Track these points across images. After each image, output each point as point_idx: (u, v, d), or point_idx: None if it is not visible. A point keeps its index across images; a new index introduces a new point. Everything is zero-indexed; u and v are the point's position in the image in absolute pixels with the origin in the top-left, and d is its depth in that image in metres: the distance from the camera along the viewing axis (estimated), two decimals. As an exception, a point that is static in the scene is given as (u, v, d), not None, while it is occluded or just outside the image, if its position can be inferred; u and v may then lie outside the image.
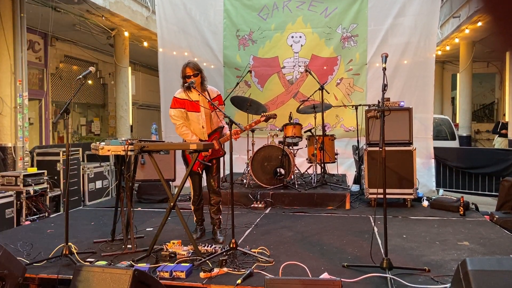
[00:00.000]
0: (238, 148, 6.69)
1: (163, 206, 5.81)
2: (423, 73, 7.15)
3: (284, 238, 4.18)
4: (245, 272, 3.08)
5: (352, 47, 7.48)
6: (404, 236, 4.23)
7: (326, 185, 5.97)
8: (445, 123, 10.79)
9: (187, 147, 3.68)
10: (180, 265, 3.24)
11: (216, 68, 7.86)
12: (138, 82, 15.02)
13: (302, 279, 2.66)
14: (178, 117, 4.06)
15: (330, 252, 3.70)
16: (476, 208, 5.48)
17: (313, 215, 5.23)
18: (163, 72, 7.80)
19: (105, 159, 7.62)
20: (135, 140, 3.73)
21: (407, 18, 7.20)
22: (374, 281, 2.97)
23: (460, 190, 7.57)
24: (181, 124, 4.07)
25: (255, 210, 5.51)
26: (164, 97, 7.73)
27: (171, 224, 4.63)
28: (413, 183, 5.44)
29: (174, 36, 7.84)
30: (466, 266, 2.24)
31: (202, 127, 4.07)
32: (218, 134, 4.14)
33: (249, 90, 7.82)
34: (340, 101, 7.45)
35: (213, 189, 4.16)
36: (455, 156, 7.95)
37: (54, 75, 11.00)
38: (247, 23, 7.77)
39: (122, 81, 10.71)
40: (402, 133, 5.51)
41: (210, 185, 4.17)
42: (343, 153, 7.24)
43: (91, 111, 13.24)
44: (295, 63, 7.69)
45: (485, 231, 4.38)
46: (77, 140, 12.24)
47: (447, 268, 3.22)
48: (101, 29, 9.98)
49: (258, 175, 5.94)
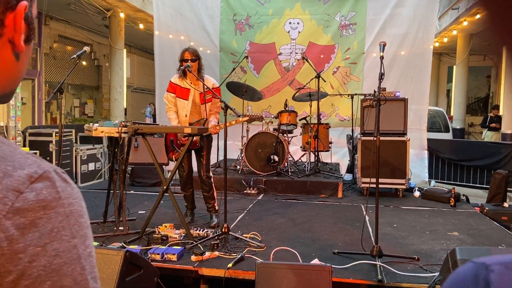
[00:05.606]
0: (232, 134, 6.67)
1: (156, 189, 5.80)
2: (420, 64, 7.14)
3: (276, 224, 4.20)
4: (236, 256, 3.10)
5: (350, 35, 7.44)
6: (395, 225, 4.27)
7: (319, 173, 5.99)
8: (439, 115, 10.83)
9: (182, 130, 3.66)
10: (171, 248, 3.25)
11: (212, 53, 7.79)
12: (133, 65, 14.88)
13: (293, 264, 2.68)
14: (169, 101, 4.13)
15: (321, 239, 3.72)
16: (467, 200, 5.54)
17: (306, 202, 5.25)
18: (158, 55, 7.71)
19: (98, 141, 7.56)
20: (129, 122, 3.70)
21: (406, 8, 7.16)
22: (363, 268, 3.00)
23: (451, 181, 7.64)
24: (169, 108, 4.14)
25: (248, 196, 5.52)
26: (159, 81, 7.65)
27: (163, 207, 4.63)
28: (406, 173, 5.48)
29: (171, 19, 7.74)
30: (455, 255, 2.27)
31: (185, 115, 4.07)
32: (198, 125, 4.11)
33: (245, 76, 7.77)
34: (336, 90, 7.42)
35: (201, 178, 4.14)
36: (448, 148, 8.00)
37: (47, 55, 10.86)
38: (244, 7, 7.68)
39: (116, 63, 10.59)
40: (397, 124, 5.52)
41: (198, 173, 4.16)
42: (337, 142, 7.25)
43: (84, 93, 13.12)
44: (292, 50, 7.64)
45: (475, 222, 4.43)
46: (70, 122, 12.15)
47: (436, 258, 3.25)
48: (96, 9, 9.83)
49: (252, 162, 5.94)
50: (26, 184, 0.52)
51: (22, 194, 0.51)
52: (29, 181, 0.52)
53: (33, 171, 0.53)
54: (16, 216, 0.50)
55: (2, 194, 0.50)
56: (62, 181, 0.55)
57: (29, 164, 0.54)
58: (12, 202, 0.50)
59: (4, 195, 0.50)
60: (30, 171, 0.53)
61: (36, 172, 0.53)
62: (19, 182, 0.52)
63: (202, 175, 4.11)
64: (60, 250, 0.52)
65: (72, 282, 0.52)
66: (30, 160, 0.55)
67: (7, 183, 0.51)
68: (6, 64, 0.61)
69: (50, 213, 0.52)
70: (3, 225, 0.49)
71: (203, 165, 4.12)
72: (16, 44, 0.61)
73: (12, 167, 0.52)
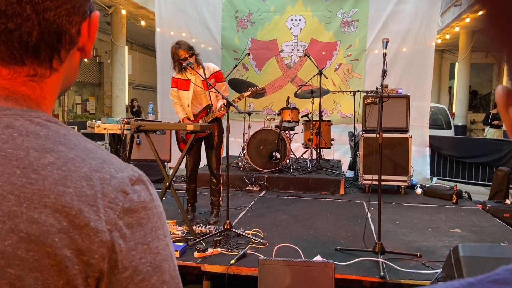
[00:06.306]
0: (234, 131, 6.67)
1: (158, 186, 5.80)
2: (422, 61, 7.12)
3: (278, 221, 4.20)
4: (238, 253, 3.11)
5: (352, 32, 7.42)
6: (397, 222, 4.27)
7: (321, 170, 5.99)
8: (441, 112, 10.81)
9: (184, 127, 3.66)
10: (174, 244, 3.26)
11: (214, 50, 7.78)
12: (134, 62, 14.87)
13: (296, 260, 2.68)
14: (174, 96, 4.17)
15: (323, 236, 3.73)
16: (469, 197, 5.53)
17: (307, 199, 5.25)
18: (160, 52, 7.70)
19: (100, 138, 7.58)
20: (132, 119, 3.70)
21: (408, 5, 7.14)
22: (366, 264, 3.00)
23: (454, 179, 7.64)
24: (175, 103, 4.17)
25: (250, 193, 5.53)
26: (161, 77, 7.65)
27: (166, 204, 4.63)
28: (408, 170, 5.47)
29: (172, 16, 7.73)
30: (458, 252, 2.27)
31: (187, 105, 4.08)
32: (204, 112, 4.11)
33: (247, 73, 7.76)
34: (338, 87, 7.41)
35: (210, 170, 4.14)
36: (450, 145, 7.99)
37: (49, 52, 10.85)
38: (246, 4, 7.67)
39: (118, 60, 10.59)
40: (399, 121, 5.51)
41: (209, 165, 4.16)
42: (339, 139, 7.25)
43: (86, 90, 13.13)
44: (294, 47, 7.63)
45: (477, 219, 4.42)
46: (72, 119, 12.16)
47: (438, 254, 3.26)
48: (98, 6, 9.82)
49: (254, 159, 5.94)
50: (129, 185, 0.55)
51: (128, 195, 0.54)
52: (130, 183, 0.55)
53: (131, 174, 0.57)
54: (126, 216, 0.53)
55: (113, 194, 0.53)
56: (150, 184, 0.59)
57: (125, 167, 0.57)
58: (122, 202, 0.53)
59: (115, 196, 0.53)
60: (129, 174, 0.56)
61: (133, 175, 0.57)
62: (124, 184, 0.55)
63: (212, 166, 4.11)
64: (160, 248, 0.55)
65: (169, 278, 0.56)
66: (123, 164, 0.58)
67: (115, 184, 0.54)
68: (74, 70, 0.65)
69: (149, 213, 0.56)
70: (118, 224, 0.52)
71: (215, 158, 4.10)
72: (87, 51, 0.64)
73: (114, 170, 0.55)
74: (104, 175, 0.54)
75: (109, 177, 0.54)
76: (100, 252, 0.51)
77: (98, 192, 0.52)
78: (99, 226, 0.51)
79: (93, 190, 0.52)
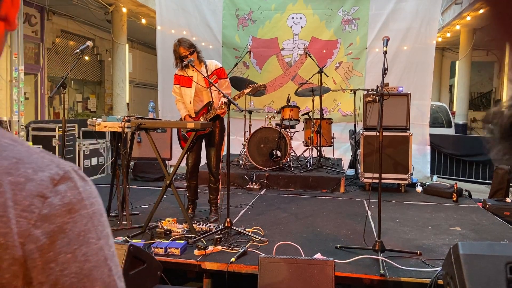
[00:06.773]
0: (234, 129, 6.67)
1: (159, 184, 5.80)
2: (423, 59, 7.11)
3: (278, 219, 4.21)
4: (239, 250, 3.11)
5: (352, 30, 7.41)
6: (397, 220, 4.27)
7: (322, 169, 5.99)
8: (442, 111, 10.80)
9: (185, 125, 3.66)
10: (174, 242, 3.27)
11: (215, 48, 7.78)
12: (135, 60, 14.85)
13: (296, 258, 2.69)
14: (176, 93, 4.19)
15: (323, 234, 3.74)
16: (469, 195, 5.54)
17: (308, 197, 5.26)
18: (161, 50, 7.71)
19: (101, 136, 7.59)
20: (132, 117, 3.71)
21: (409, 3, 7.13)
22: (366, 262, 3.01)
23: (454, 177, 7.64)
24: (178, 100, 4.19)
25: (250, 191, 5.54)
26: (161, 76, 7.66)
27: (166, 202, 4.65)
28: (408, 168, 5.48)
29: (173, 14, 7.73)
30: (457, 250, 2.27)
31: (189, 102, 4.09)
32: (205, 110, 4.11)
33: (247, 71, 7.76)
34: (338, 85, 7.41)
35: (209, 168, 4.15)
36: (451, 144, 7.99)
37: (50, 50, 10.85)
38: (247, 2, 7.66)
39: (119, 58, 10.58)
40: (400, 119, 5.52)
41: (208, 163, 4.16)
42: (340, 137, 7.25)
43: (87, 88, 13.12)
44: (295, 45, 7.62)
45: (477, 217, 4.43)
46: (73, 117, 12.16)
47: (438, 252, 3.26)
48: (98, 4, 9.81)
49: (254, 157, 5.95)
50: (50, 187, 0.49)
51: (48, 199, 0.48)
52: (52, 184, 0.49)
53: (54, 172, 0.50)
54: (44, 224, 0.47)
55: (28, 201, 0.47)
56: (81, 180, 0.53)
57: (47, 164, 0.50)
58: (39, 209, 0.47)
59: (30, 202, 0.47)
60: (51, 173, 0.50)
61: (57, 173, 0.50)
62: (43, 187, 0.48)
63: (211, 164, 4.12)
64: (89, 254, 0.50)
65: (102, 285, 0.50)
66: (47, 160, 0.51)
67: (30, 188, 0.47)
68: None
69: (75, 216, 0.49)
70: (33, 235, 0.46)
71: (214, 157, 4.09)
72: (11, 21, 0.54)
73: (32, 170, 0.49)
74: (18, 178, 0.47)
75: (23, 181, 0.47)
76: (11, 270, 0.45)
77: (8, 200, 0.46)
78: (9, 241, 0.45)
79: (2, 199, 0.45)
